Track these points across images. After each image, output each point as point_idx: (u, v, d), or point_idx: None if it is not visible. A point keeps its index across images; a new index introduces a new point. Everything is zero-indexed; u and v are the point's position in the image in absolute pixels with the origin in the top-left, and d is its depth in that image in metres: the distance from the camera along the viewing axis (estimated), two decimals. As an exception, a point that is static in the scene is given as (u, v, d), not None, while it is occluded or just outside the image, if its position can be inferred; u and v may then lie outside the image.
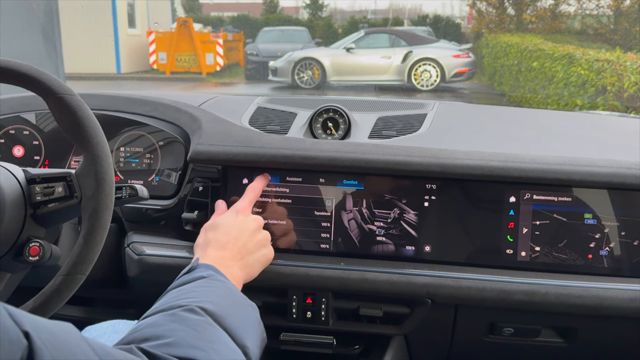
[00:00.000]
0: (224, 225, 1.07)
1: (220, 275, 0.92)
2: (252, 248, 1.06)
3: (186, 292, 0.85)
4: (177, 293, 0.85)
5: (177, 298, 0.82)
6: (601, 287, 1.15)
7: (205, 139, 1.28)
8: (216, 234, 1.05)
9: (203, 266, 0.94)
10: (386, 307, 1.23)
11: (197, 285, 0.87)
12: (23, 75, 0.92)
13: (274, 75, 11.41)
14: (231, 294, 0.89)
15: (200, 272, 0.91)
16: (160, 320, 0.76)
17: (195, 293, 0.84)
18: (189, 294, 0.84)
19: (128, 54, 13.71)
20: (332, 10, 19.90)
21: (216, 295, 0.85)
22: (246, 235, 1.06)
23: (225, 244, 1.03)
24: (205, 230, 1.09)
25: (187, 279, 0.89)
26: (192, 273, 0.91)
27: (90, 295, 1.47)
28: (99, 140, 0.93)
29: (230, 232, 1.05)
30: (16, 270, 0.96)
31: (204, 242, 1.06)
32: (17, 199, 0.92)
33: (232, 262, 1.01)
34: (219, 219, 1.10)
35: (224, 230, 1.06)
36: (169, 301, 0.82)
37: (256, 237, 1.09)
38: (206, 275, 0.90)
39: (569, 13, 12.31)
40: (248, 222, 1.09)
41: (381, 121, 1.40)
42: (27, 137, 1.40)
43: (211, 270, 0.92)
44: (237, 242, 1.04)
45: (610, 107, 5.12)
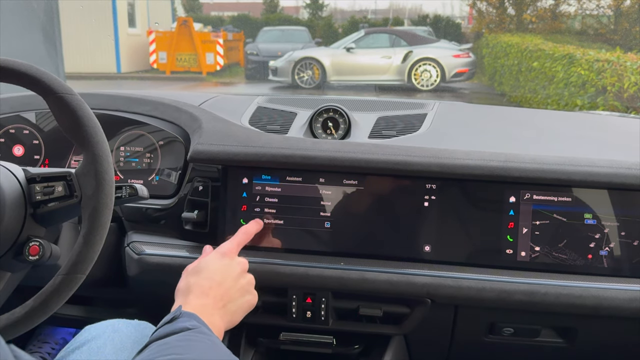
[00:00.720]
0: (207, 269, 1.03)
1: (205, 327, 0.88)
2: (235, 294, 1.03)
3: (170, 346, 0.81)
4: (160, 347, 0.81)
5: (161, 354, 0.78)
6: (601, 287, 1.15)
7: (206, 138, 1.28)
8: (198, 279, 1.01)
9: (186, 315, 0.89)
10: (386, 307, 1.23)
11: (181, 339, 0.83)
12: (23, 75, 0.92)
13: (274, 75, 11.41)
14: (216, 349, 0.85)
15: (184, 323, 0.86)
16: None
17: (180, 348, 0.80)
18: (174, 349, 0.80)
19: (128, 54, 13.70)
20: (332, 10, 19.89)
21: (201, 350, 0.81)
22: (229, 280, 1.03)
23: (207, 290, 0.99)
24: (187, 274, 1.04)
25: (170, 330, 0.85)
26: (175, 323, 0.87)
27: (90, 294, 1.47)
28: (99, 140, 0.93)
29: (213, 277, 1.02)
30: (16, 270, 0.96)
31: (185, 287, 1.01)
32: (17, 198, 0.92)
33: (214, 310, 0.97)
34: (203, 262, 1.05)
35: (206, 275, 1.02)
36: (151, 357, 0.78)
37: (239, 282, 1.05)
38: (190, 327, 0.86)
39: (569, 13, 12.30)
40: (232, 266, 1.06)
41: (381, 121, 1.40)
42: (27, 136, 1.40)
43: (195, 321, 0.88)
44: (220, 289, 1.00)
45: (611, 107, 5.12)
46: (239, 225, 1.25)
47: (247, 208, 1.25)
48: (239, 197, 1.26)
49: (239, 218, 1.26)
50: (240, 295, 1.04)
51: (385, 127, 1.37)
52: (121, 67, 13.56)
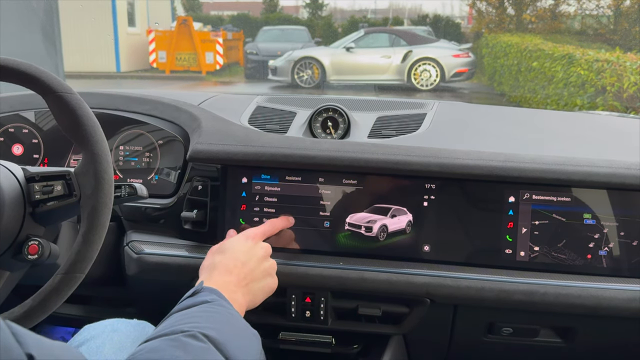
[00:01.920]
0: (232, 249, 1.06)
1: (224, 300, 0.91)
2: (258, 275, 1.05)
3: (189, 316, 0.84)
4: (180, 317, 0.84)
5: (180, 322, 0.81)
6: (600, 287, 1.15)
7: (205, 138, 1.28)
8: (223, 258, 1.04)
9: (207, 290, 0.92)
10: (385, 307, 1.23)
11: (201, 310, 0.86)
12: (23, 74, 0.92)
13: (273, 75, 11.40)
14: (234, 321, 0.88)
15: (204, 297, 0.90)
16: (162, 346, 0.75)
17: (198, 318, 0.83)
18: (192, 319, 0.83)
19: (128, 53, 13.70)
20: (332, 10, 19.89)
21: (219, 321, 0.84)
22: (253, 261, 1.05)
23: (231, 269, 1.01)
24: (213, 253, 1.08)
25: (190, 303, 0.88)
26: (196, 296, 0.90)
27: (89, 293, 1.47)
28: (98, 139, 0.93)
29: (238, 257, 1.04)
30: (15, 269, 0.96)
31: (210, 265, 1.04)
32: (16, 197, 0.92)
33: (237, 287, 0.99)
34: (228, 242, 1.09)
35: (231, 255, 1.05)
36: (172, 325, 0.81)
37: (263, 265, 1.07)
38: (210, 300, 0.89)
39: (569, 13, 12.31)
40: (257, 249, 1.08)
41: (381, 121, 1.40)
42: (26, 135, 1.40)
43: (215, 295, 0.91)
44: (244, 268, 1.03)
45: (610, 107, 5.12)
46: (238, 225, 1.25)
47: (246, 207, 1.25)
48: (238, 196, 1.26)
49: (238, 217, 1.26)
50: (263, 277, 1.06)
51: (385, 127, 1.37)
52: (121, 67, 13.55)
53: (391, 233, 1.21)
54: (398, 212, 1.21)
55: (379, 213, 1.21)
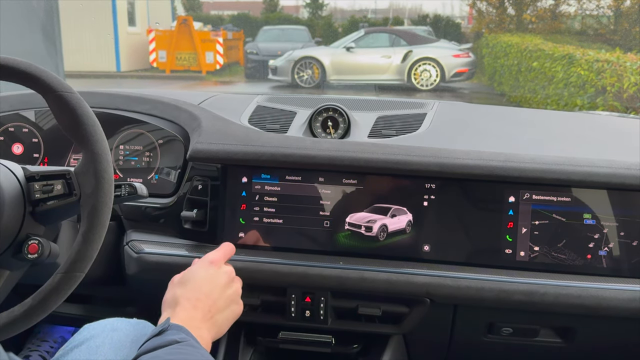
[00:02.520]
0: (193, 280, 1.01)
1: (193, 339, 0.87)
2: (222, 305, 1.01)
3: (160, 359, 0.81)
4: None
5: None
6: (600, 287, 1.15)
7: (205, 137, 1.28)
8: (185, 291, 0.98)
9: (174, 328, 0.88)
10: (385, 307, 1.23)
11: (171, 352, 0.82)
12: (23, 73, 0.92)
13: (273, 74, 11.40)
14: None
15: (172, 335, 0.85)
16: None
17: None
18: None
19: (128, 52, 13.69)
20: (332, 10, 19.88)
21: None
22: (217, 291, 1.01)
23: (195, 302, 0.96)
24: (173, 286, 1.01)
25: (158, 343, 0.84)
26: (163, 335, 0.86)
27: (89, 293, 1.47)
28: (98, 138, 0.92)
29: (201, 287, 0.99)
30: (15, 268, 0.95)
31: (172, 299, 0.98)
32: (16, 196, 0.92)
33: (202, 323, 0.95)
34: (189, 273, 1.03)
35: (193, 286, 0.99)
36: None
37: (226, 292, 1.03)
38: (179, 340, 0.85)
39: (569, 13, 12.29)
40: (219, 275, 1.03)
41: (381, 120, 1.40)
42: (26, 134, 1.40)
43: (183, 334, 0.87)
44: (208, 300, 0.98)
45: (610, 107, 5.12)
46: (238, 224, 1.25)
47: (246, 207, 1.25)
48: (238, 196, 1.26)
49: (238, 217, 1.26)
50: (227, 305, 1.02)
51: (385, 127, 1.37)
52: (121, 66, 13.54)
53: (391, 233, 1.21)
54: (398, 212, 1.21)
55: (379, 213, 1.21)
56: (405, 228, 1.21)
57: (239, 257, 1.22)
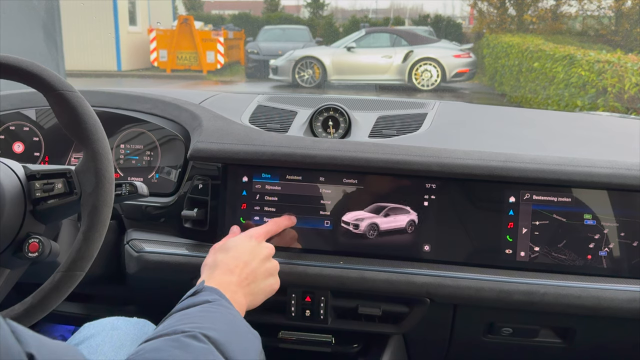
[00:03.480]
0: (235, 248, 1.05)
1: (226, 300, 0.90)
2: (260, 276, 1.04)
3: (190, 316, 0.84)
4: (181, 317, 0.84)
5: (181, 322, 0.81)
6: (600, 287, 1.15)
7: (206, 136, 1.28)
8: (226, 257, 1.03)
9: (208, 289, 0.92)
10: (385, 306, 1.23)
11: (202, 310, 0.86)
12: (24, 72, 0.92)
13: (274, 74, 11.40)
14: (235, 322, 0.87)
15: (206, 296, 0.89)
16: (163, 346, 0.75)
17: (199, 318, 0.83)
18: (193, 319, 0.82)
19: (129, 52, 13.69)
20: (333, 9, 19.87)
21: (220, 322, 0.84)
22: (256, 261, 1.04)
23: (233, 268, 1.00)
24: (215, 251, 1.06)
25: (191, 302, 0.87)
26: (197, 296, 0.89)
27: (89, 292, 1.47)
28: (99, 137, 0.93)
29: (241, 256, 1.03)
30: (15, 266, 0.96)
31: (212, 263, 1.03)
32: (16, 195, 0.92)
33: (238, 288, 0.98)
34: (231, 241, 1.07)
35: (234, 254, 1.03)
36: (172, 325, 0.80)
37: (265, 265, 1.06)
38: (211, 300, 0.88)
39: (570, 14, 12.29)
40: (260, 248, 1.07)
41: (381, 120, 1.40)
42: (27, 133, 1.40)
43: (216, 295, 0.90)
44: (246, 268, 1.02)
45: (611, 108, 5.12)
46: (238, 224, 1.25)
47: (246, 206, 1.25)
48: (239, 195, 1.26)
49: (239, 216, 1.26)
50: (265, 277, 1.05)
51: (386, 127, 1.37)
52: (122, 65, 13.55)
53: (388, 232, 1.21)
54: (394, 211, 1.21)
55: (375, 212, 1.22)
56: (405, 228, 1.21)
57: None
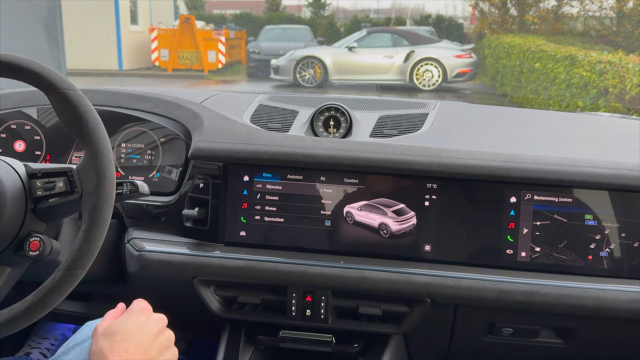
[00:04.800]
0: (122, 331, 0.91)
1: None
2: (154, 354, 0.91)
3: None
4: None
5: None
6: (601, 288, 1.15)
7: (207, 135, 1.28)
8: (112, 343, 0.89)
9: None
10: (385, 306, 1.23)
11: None
12: (25, 70, 0.92)
13: (275, 74, 11.39)
14: None
15: None
16: None
17: None
18: None
19: (130, 51, 13.69)
20: (334, 9, 19.84)
21: None
22: (149, 340, 0.91)
23: (125, 356, 0.87)
24: (98, 339, 0.90)
25: None
26: None
27: (90, 290, 1.47)
28: (100, 136, 0.93)
29: (130, 338, 0.90)
30: (16, 265, 0.96)
31: (99, 355, 0.88)
32: (18, 193, 0.92)
33: None
34: (116, 324, 0.93)
35: (122, 338, 0.90)
36: None
37: (159, 340, 0.93)
38: None
39: (572, 14, 12.27)
40: (150, 323, 0.94)
41: (382, 120, 1.40)
42: (28, 132, 1.40)
43: None
44: (139, 351, 0.89)
45: (612, 108, 5.11)
46: (239, 223, 1.25)
47: (247, 206, 1.25)
48: (240, 194, 1.26)
49: (240, 216, 1.26)
50: (160, 353, 0.93)
51: (387, 126, 1.37)
52: (123, 64, 13.54)
53: (388, 232, 1.21)
54: (400, 212, 1.21)
55: (379, 212, 1.21)
56: (405, 228, 1.21)
57: (239, 255, 1.22)
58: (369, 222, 1.22)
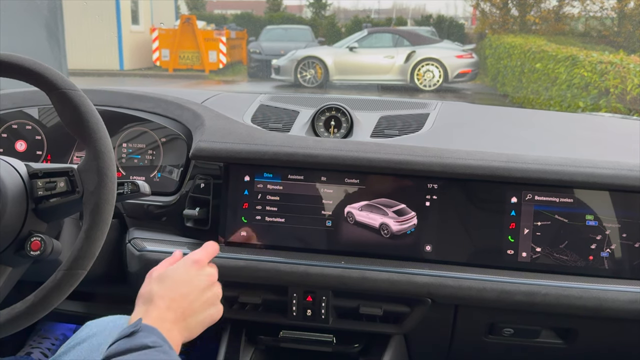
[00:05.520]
0: (172, 278, 0.96)
1: (166, 344, 0.84)
2: (198, 308, 0.96)
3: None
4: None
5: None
6: (601, 288, 1.15)
7: (208, 135, 1.28)
8: (162, 288, 0.94)
9: (146, 330, 0.85)
10: (386, 306, 1.23)
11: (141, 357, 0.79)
12: (26, 70, 0.92)
13: (276, 74, 11.40)
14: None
15: (144, 339, 0.83)
16: None
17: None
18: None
19: (131, 51, 13.69)
20: (335, 9, 19.85)
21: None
22: (195, 293, 0.96)
23: (169, 303, 0.92)
24: (151, 281, 0.98)
25: (129, 346, 0.81)
26: (134, 338, 0.83)
27: (91, 290, 1.47)
28: (101, 136, 0.93)
29: (178, 288, 0.95)
30: (17, 265, 0.96)
31: (147, 295, 0.95)
32: (19, 193, 0.92)
33: (174, 325, 0.91)
34: (169, 270, 0.98)
35: (170, 285, 0.95)
36: None
37: (205, 295, 0.98)
38: (151, 345, 0.82)
39: (573, 15, 12.27)
40: (200, 277, 0.99)
41: (383, 120, 1.40)
42: (29, 132, 1.41)
43: (155, 337, 0.84)
44: (183, 302, 0.94)
45: (613, 109, 5.11)
46: (240, 223, 1.25)
47: (248, 206, 1.25)
48: (241, 194, 1.26)
49: (240, 215, 1.26)
50: (203, 309, 0.97)
51: (388, 127, 1.37)
52: (124, 64, 13.54)
53: (389, 232, 1.21)
54: (401, 212, 1.21)
55: (380, 212, 1.22)
56: (406, 228, 1.21)
57: (240, 255, 1.22)
58: (369, 222, 1.22)
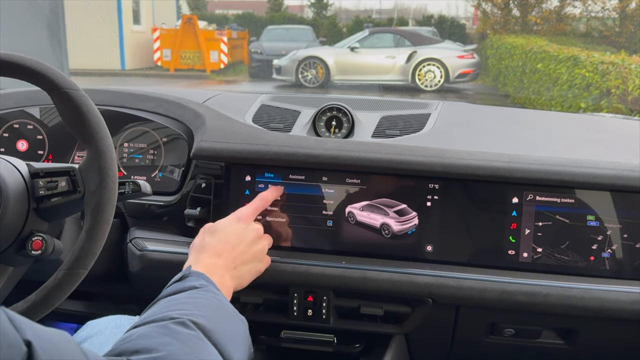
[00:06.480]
0: (222, 231, 1.06)
1: (213, 286, 0.91)
2: (247, 258, 1.06)
3: (178, 302, 0.84)
4: (168, 303, 0.84)
5: (169, 309, 0.81)
6: (603, 289, 1.14)
7: (209, 135, 1.28)
8: (213, 239, 1.04)
9: (195, 274, 0.92)
10: (387, 306, 1.23)
11: (189, 297, 0.86)
12: (28, 70, 0.92)
13: (277, 74, 11.40)
14: (222, 308, 0.88)
15: (193, 282, 0.90)
16: (151, 332, 0.75)
17: (187, 305, 0.83)
18: (181, 306, 0.82)
19: (132, 51, 13.70)
20: (336, 10, 19.85)
21: (207, 308, 0.84)
22: (243, 245, 1.06)
23: (220, 252, 1.02)
24: (204, 233, 1.08)
25: (179, 288, 0.88)
26: (184, 281, 0.90)
27: (92, 290, 1.47)
28: (102, 135, 0.93)
29: (228, 239, 1.04)
30: (19, 264, 0.96)
31: (199, 245, 1.04)
32: (20, 192, 0.92)
33: (225, 271, 1.00)
34: (219, 224, 1.08)
35: (221, 237, 1.05)
36: (161, 311, 0.81)
37: (253, 248, 1.08)
38: (198, 286, 0.89)
39: (574, 15, 12.27)
40: (248, 231, 1.08)
41: (385, 120, 1.40)
42: (31, 131, 1.41)
43: (203, 280, 0.91)
44: (233, 252, 1.03)
45: (614, 109, 5.11)
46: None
47: (249, 206, 1.25)
48: (242, 194, 1.26)
49: (242, 215, 1.26)
50: (251, 260, 1.07)
51: (389, 127, 1.37)
52: (125, 64, 13.55)
53: (390, 232, 1.21)
54: (402, 212, 1.21)
55: (381, 212, 1.22)
56: (407, 228, 1.21)
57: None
58: (370, 223, 1.22)
